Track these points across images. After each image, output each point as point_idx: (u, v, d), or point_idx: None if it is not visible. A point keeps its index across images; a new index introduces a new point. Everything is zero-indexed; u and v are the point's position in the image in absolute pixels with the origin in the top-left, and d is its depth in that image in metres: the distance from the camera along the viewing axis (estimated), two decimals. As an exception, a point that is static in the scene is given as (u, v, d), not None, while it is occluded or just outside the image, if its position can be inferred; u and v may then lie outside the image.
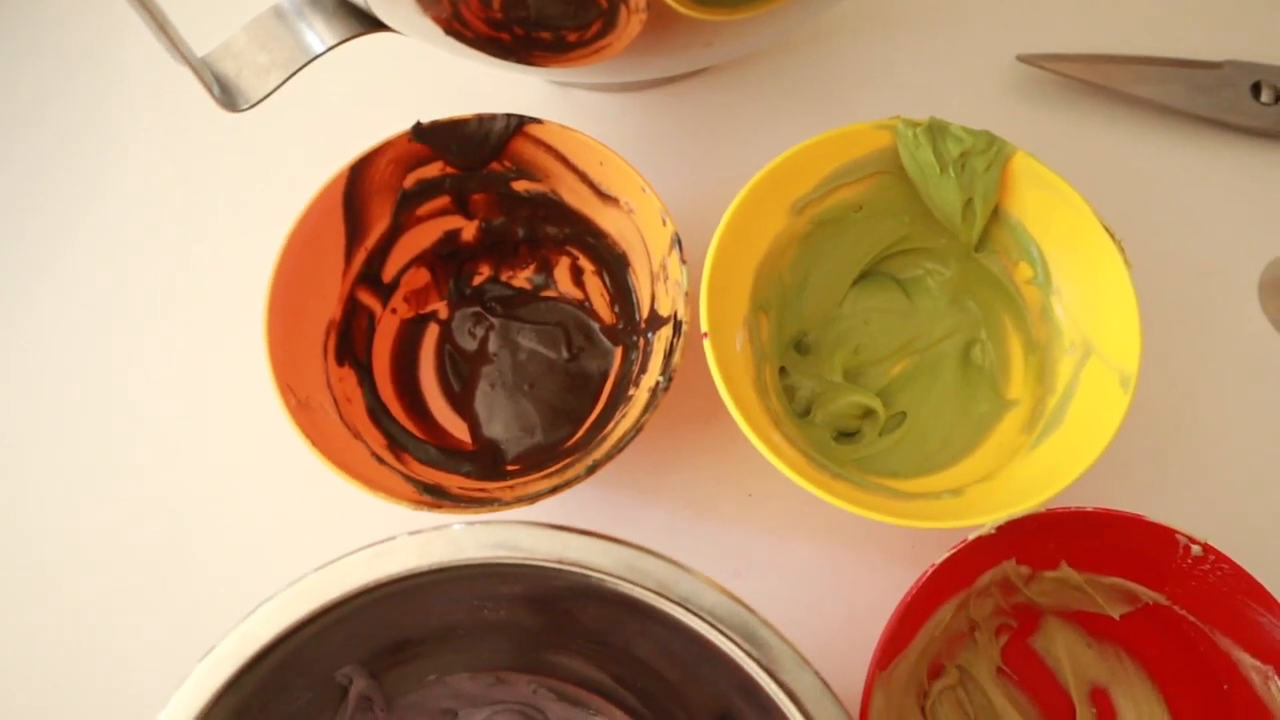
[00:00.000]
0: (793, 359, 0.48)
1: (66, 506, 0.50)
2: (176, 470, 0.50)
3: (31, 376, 0.52)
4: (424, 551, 0.36)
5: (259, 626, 0.36)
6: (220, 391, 0.51)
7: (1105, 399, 0.41)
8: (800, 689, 0.34)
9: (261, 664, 0.36)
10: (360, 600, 0.37)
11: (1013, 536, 0.40)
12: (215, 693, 0.35)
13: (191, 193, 0.56)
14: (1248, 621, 0.39)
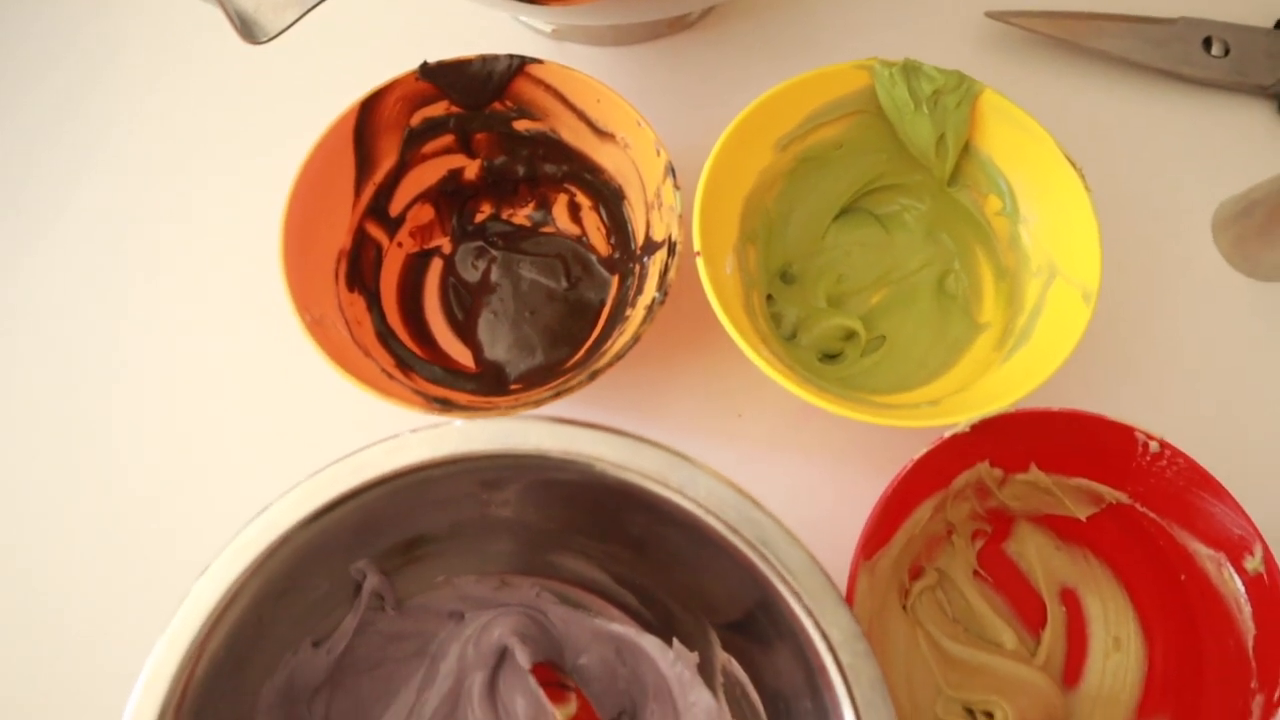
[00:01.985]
0: (779, 288, 0.51)
1: (106, 412, 0.53)
2: (202, 382, 0.53)
3: (63, 295, 0.55)
4: (436, 444, 0.39)
5: (281, 514, 0.38)
6: (239, 314, 0.54)
7: (1069, 314, 0.45)
8: (791, 564, 0.37)
9: (283, 550, 0.38)
10: (376, 492, 0.39)
11: (985, 437, 0.43)
12: (241, 574, 0.37)
13: (213, 125, 0.59)
14: (1202, 513, 0.43)
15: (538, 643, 0.45)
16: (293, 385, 0.51)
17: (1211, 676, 0.43)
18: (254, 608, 0.38)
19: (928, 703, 0.44)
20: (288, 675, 0.41)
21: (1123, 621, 0.46)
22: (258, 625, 0.39)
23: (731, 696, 0.44)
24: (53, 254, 0.56)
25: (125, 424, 0.53)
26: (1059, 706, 0.44)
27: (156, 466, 0.51)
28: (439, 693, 0.46)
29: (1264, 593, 0.41)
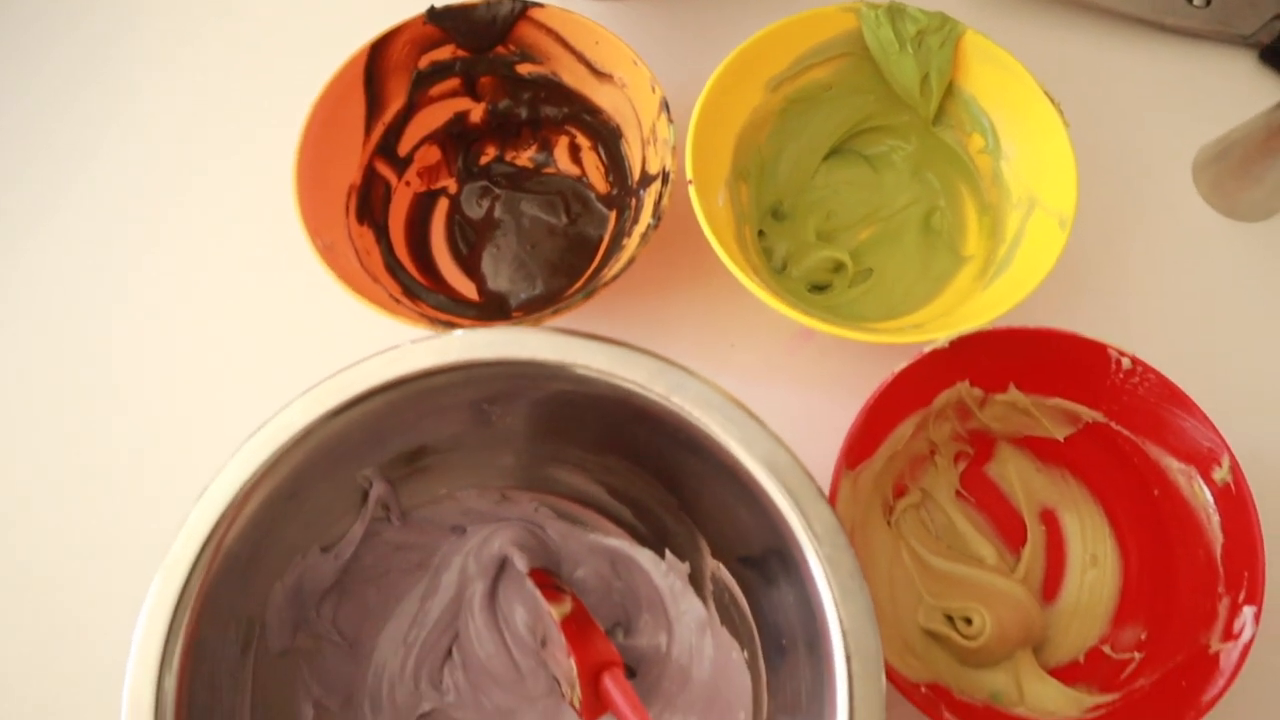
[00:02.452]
0: (770, 224, 0.53)
1: (133, 329, 0.56)
2: (218, 306, 0.56)
3: (92, 225, 0.58)
4: (438, 352, 0.41)
5: (292, 417, 0.40)
6: (256, 243, 0.57)
7: (1047, 241, 0.47)
8: (775, 462, 0.39)
9: (294, 452, 0.40)
10: (381, 399, 0.41)
11: (965, 355, 0.45)
12: (255, 473, 0.39)
13: (235, 67, 0.62)
14: (1172, 428, 0.44)
15: (536, 554, 0.48)
16: (305, 311, 0.54)
17: (1182, 585, 0.44)
18: (266, 507, 0.41)
19: (909, 610, 0.46)
20: (297, 577, 0.44)
21: (1099, 539, 0.48)
22: (270, 525, 0.41)
23: (720, 603, 0.46)
24: (87, 184, 0.59)
25: (148, 342, 0.56)
26: (1036, 616, 0.46)
27: (178, 381, 0.55)
28: (441, 602, 0.48)
29: (1231, 502, 0.43)
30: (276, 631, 0.43)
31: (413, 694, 0.47)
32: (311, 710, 0.44)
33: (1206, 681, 0.41)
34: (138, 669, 0.37)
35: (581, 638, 0.42)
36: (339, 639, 0.46)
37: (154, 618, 0.38)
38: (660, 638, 0.47)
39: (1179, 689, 0.41)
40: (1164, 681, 0.42)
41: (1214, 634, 0.42)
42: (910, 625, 0.46)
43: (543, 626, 0.47)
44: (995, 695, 0.44)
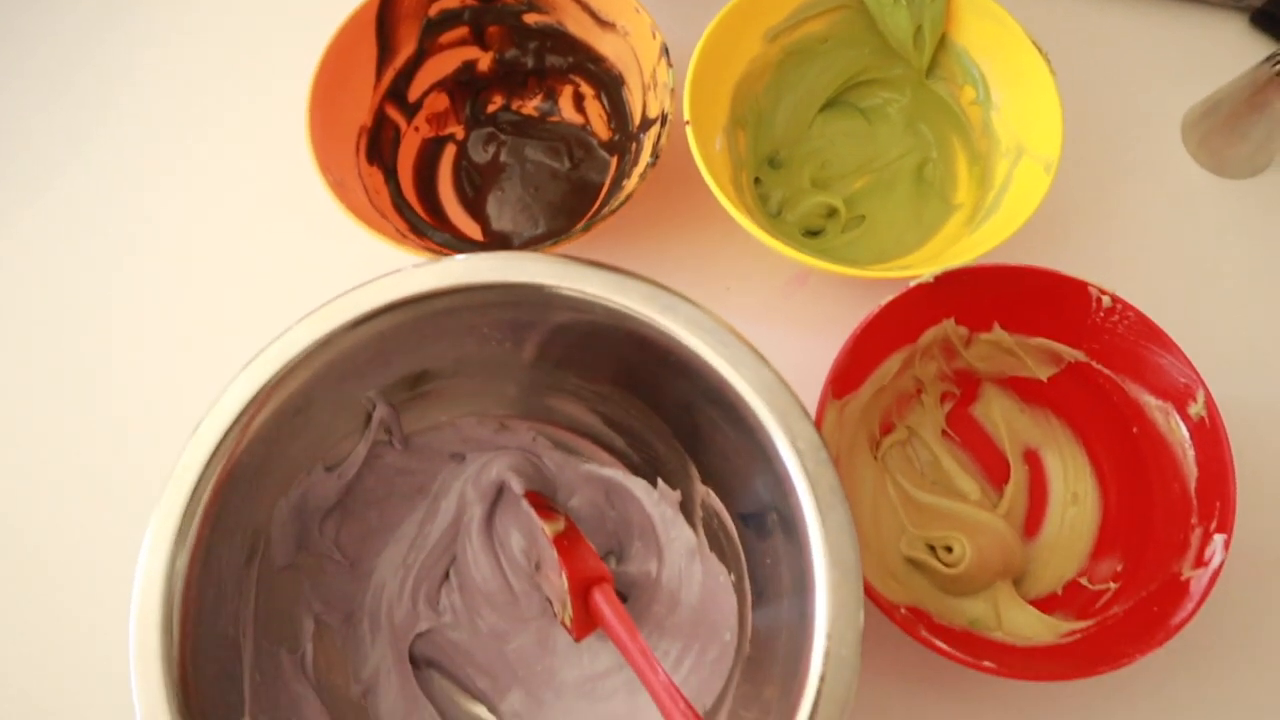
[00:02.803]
0: (766, 172, 0.55)
1: (150, 254, 0.58)
2: (230, 239, 0.58)
3: (118, 160, 0.61)
4: (442, 274, 0.43)
5: (304, 332, 0.42)
6: (269, 181, 0.59)
7: (1033, 185, 0.48)
8: (762, 382, 0.41)
9: (301, 369, 0.42)
10: (386, 319, 0.43)
11: (950, 292, 0.46)
12: (264, 385, 0.41)
13: (248, 9, 0.64)
14: (1151, 365, 0.46)
15: (533, 481, 0.49)
16: (316, 245, 0.55)
17: (1158, 518, 0.46)
18: (274, 420, 0.43)
19: (892, 539, 0.48)
20: (301, 494, 0.46)
21: (1081, 477, 0.49)
22: (277, 439, 0.43)
23: (709, 528, 0.47)
24: (114, 122, 0.62)
25: (162, 268, 0.58)
26: (1016, 548, 0.47)
27: (193, 305, 0.57)
28: (439, 526, 0.50)
29: (1206, 436, 0.44)
30: (280, 545, 0.45)
31: (410, 614, 0.49)
32: (312, 624, 0.46)
33: (1177, 606, 0.42)
34: (148, 570, 0.39)
35: (573, 554, 0.44)
36: (340, 558, 0.48)
37: (164, 520, 0.40)
38: (651, 564, 0.49)
39: (1151, 614, 0.43)
40: (1137, 608, 0.44)
41: (1186, 562, 0.43)
42: (893, 553, 0.47)
43: (537, 551, 0.48)
44: (974, 621, 0.46)
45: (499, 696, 0.47)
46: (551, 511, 0.47)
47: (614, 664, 0.48)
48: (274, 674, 0.44)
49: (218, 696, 0.40)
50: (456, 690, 0.48)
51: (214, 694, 0.40)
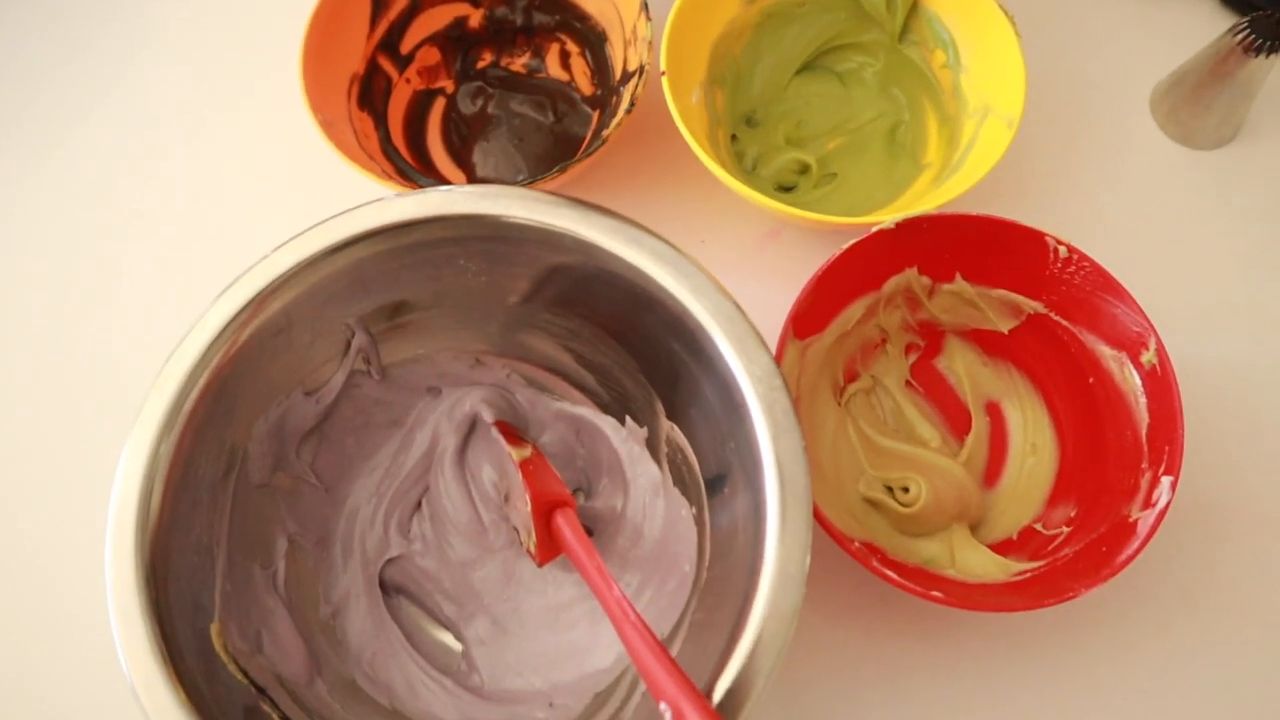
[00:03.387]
0: (743, 130, 0.56)
1: (146, 188, 0.61)
2: (223, 175, 0.61)
3: (122, 107, 0.63)
4: (421, 204, 0.45)
5: (288, 254, 0.44)
6: (261, 121, 0.61)
7: (997, 142, 0.50)
8: (721, 311, 0.43)
9: (286, 288, 0.44)
10: (369, 245, 0.45)
11: (912, 240, 0.47)
12: (247, 303, 0.43)
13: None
14: (1106, 315, 0.47)
15: (505, 416, 0.51)
16: (303, 183, 0.57)
17: (1111, 465, 0.47)
18: (255, 339, 0.44)
19: (851, 480, 0.49)
20: (280, 415, 0.47)
21: (1040, 429, 0.51)
22: (258, 357, 0.45)
23: (673, 463, 0.49)
24: (108, 55, 0.65)
25: (156, 196, 0.61)
26: (973, 493, 0.48)
27: (182, 232, 0.60)
28: (413, 457, 0.51)
29: (1157, 383, 0.45)
30: (257, 463, 0.47)
31: (382, 540, 0.50)
32: (286, 543, 0.48)
33: (1124, 545, 0.43)
34: (127, 471, 0.41)
35: (537, 478, 0.46)
36: (316, 482, 0.50)
37: (145, 426, 0.42)
38: (617, 500, 0.50)
39: (1099, 554, 0.44)
40: (1086, 549, 0.45)
41: (1135, 505, 0.45)
42: (851, 493, 0.49)
43: (507, 483, 0.50)
44: (928, 561, 0.47)
45: (464, 624, 0.49)
46: (520, 440, 0.48)
47: (577, 595, 0.49)
48: (246, 586, 0.45)
49: (188, 598, 0.42)
50: (424, 617, 0.50)
51: (184, 595, 0.42)
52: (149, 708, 0.38)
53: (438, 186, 0.44)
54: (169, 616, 0.40)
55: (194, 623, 0.42)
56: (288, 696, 0.44)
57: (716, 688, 0.37)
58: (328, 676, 0.46)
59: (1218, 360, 0.53)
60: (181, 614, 0.41)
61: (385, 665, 0.48)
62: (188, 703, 0.38)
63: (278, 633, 0.46)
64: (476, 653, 0.48)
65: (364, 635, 0.48)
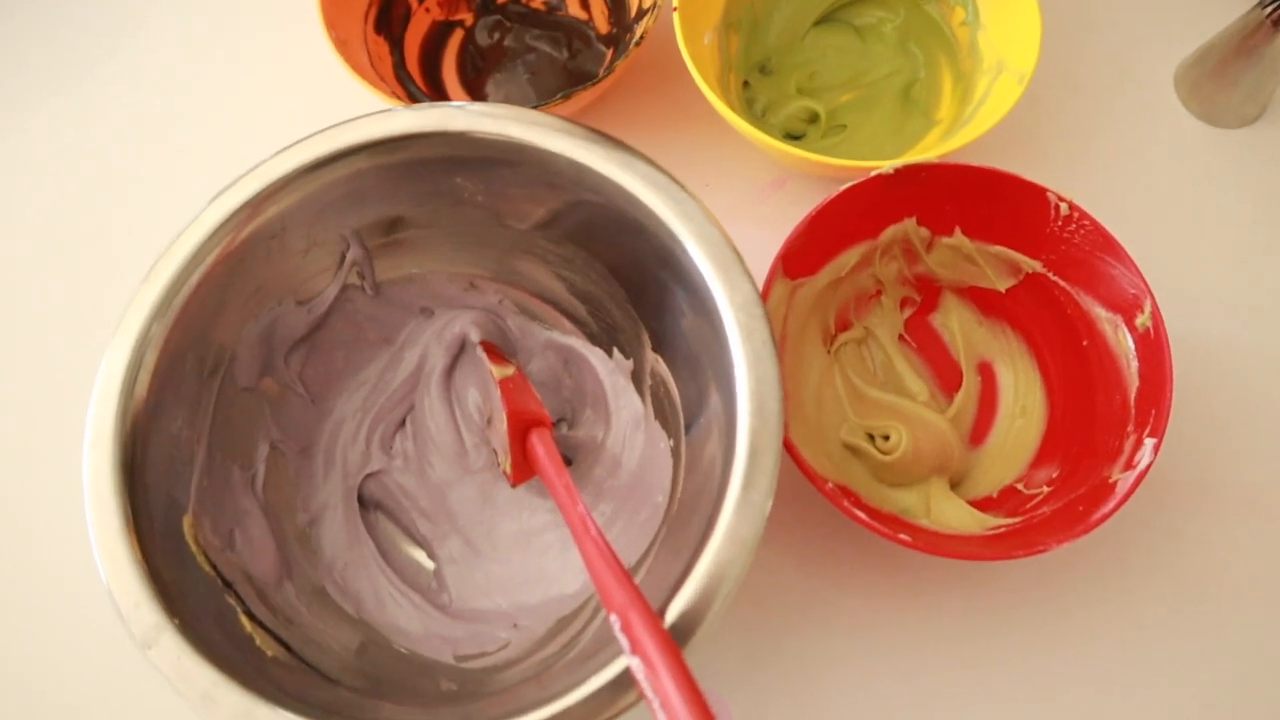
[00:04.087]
0: (756, 78, 0.56)
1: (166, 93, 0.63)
2: (228, 78, 0.62)
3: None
4: (421, 118, 0.46)
5: (287, 160, 0.45)
6: (276, 33, 0.63)
7: (1006, 96, 0.49)
8: (707, 237, 0.42)
9: (284, 193, 0.45)
10: (369, 157, 0.45)
11: (912, 189, 0.47)
12: (242, 204, 0.44)
13: None
14: (1104, 276, 0.47)
15: (494, 340, 0.51)
16: (312, 100, 0.56)
17: (1098, 429, 0.46)
18: (250, 240, 0.45)
19: (833, 425, 0.49)
20: (271, 321, 0.48)
21: (1031, 391, 0.50)
22: (252, 259, 0.45)
23: (656, 396, 0.49)
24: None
25: (163, 99, 0.62)
26: (955, 447, 0.48)
27: (191, 141, 0.61)
28: (401, 375, 0.52)
29: (1150, 346, 0.45)
30: (245, 366, 0.48)
31: (364, 455, 0.51)
32: (268, 449, 0.49)
33: (1100, 505, 0.43)
34: (113, 357, 0.42)
35: (516, 396, 0.46)
36: (303, 391, 0.50)
37: (135, 314, 0.43)
38: (599, 430, 0.50)
39: (1075, 513, 0.43)
40: (1064, 508, 0.44)
41: (1116, 467, 0.44)
42: (832, 439, 0.48)
43: (490, 407, 0.50)
44: (904, 511, 0.47)
45: (438, 543, 0.49)
46: (504, 360, 0.49)
47: (550, 522, 0.49)
48: (223, 484, 0.46)
49: (163, 487, 0.42)
50: (399, 534, 0.50)
51: (159, 483, 0.42)
52: (109, 575, 0.39)
53: (439, 102, 0.45)
54: (142, 500, 0.41)
55: (166, 512, 0.42)
56: (254, 594, 0.44)
57: (670, 608, 0.37)
58: (297, 581, 0.46)
59: (1214, 337, 0.52)
60: (155, 500, 0.42)
61: (356, 576, 0.48)
62: (148, 575, 0.39)
63: (251, 533, 0.46)
64: (447, 571, 0.49)
65: (338, 545, 0.49)
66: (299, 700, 0.38)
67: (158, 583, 0.39)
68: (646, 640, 0.35)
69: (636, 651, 0.35)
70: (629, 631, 0.35)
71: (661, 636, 0.35)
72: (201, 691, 0.37)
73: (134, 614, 0.38)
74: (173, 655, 0.38)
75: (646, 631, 0.35)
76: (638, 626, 0.35)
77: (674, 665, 0.34)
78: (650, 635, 0.35)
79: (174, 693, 0.37)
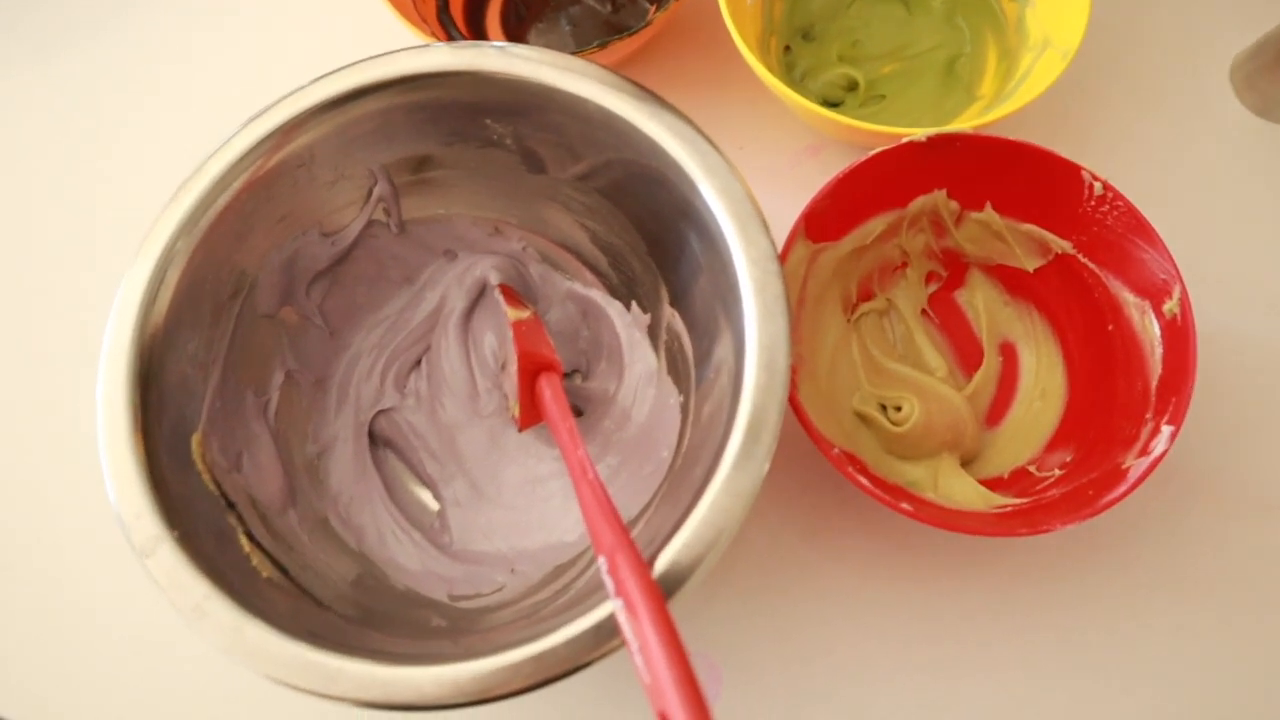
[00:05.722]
0: (799, 44, 0.55)
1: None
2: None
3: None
4: (456, 56, 0.45)
5: (314, 91, 0.45)
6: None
7: (1049, 72, 0.48)
8: (729, 191, 0.42)
9: (313, 123, 0.45)
10: (401, 93, 0.46)
11: (944, 160, 0.46)
12: (271, 131, 0.44)
13: None
14: (1134, 260, 0.45)
15: (515, 286, 0.51)
16: (351, 35, 0.58)
17: (1117, 414, 0.45)
18: (279, 168, 0.45)
19: (846, 393, 0.48)
20: (294, 250, 0.48)
21: (1052, 375, 0.49)
22: (278, 185, 0.45)
23: (670, 351, 0.48)
24: None
25: (202, 28, 0.63)
26: (969, 425, 0.47)
27: (225, 71, 0.62)
28: (420, 315, 0.52)
29: (1176, 334, 0.43)
30: (265, 293, 0.48)
31: (377, 391, 0.51)
32: (282, 377, 0.49)
33: (1111, 489, 0.41)
34: (135, 272, 0.43)
35: (529, 339, 0.46)
36: (321, 324, 0.50)
37: (160, 232, 0.43)
38: (611, 383, 0.50)
39: (1085, 497, 0.42)
40: (1074, 491, 0.43)
41: (1131, 453, 0.43)
42: (844, 407, 0.48)
43: (505, 352, 0.50)
44: (911, 484, 0.46)
45: (444, 484, 0.49)
46: (521, 304, 0.49)
47: (555, 470, 0.49)
48: (235, 407, 0.46)
49: (175, 404, 0.43)
50: (406, 472, 0.50)
51: (172, 399, 0.43)
52: (114, 484, 0.39)
53: (473, 41, 0.45)
54: (155, 414, 0.41)
55: (175, 429, 0.43)
56: (257, 518, 0.44)
57: (660, 556, 0.37)
58: (301, 509, 0.47)
59: (1240, 332, 0.50)
60: (166, 416, 0.42)
61: (360, 510, 0.48)
62: (152, 487, 0.39)
63: (259, 458, 0.47)
64: (451, 513, 0.49)
65: (345, 479, 0.49)
66: (289, 621, 0.38)
67: (161, 495, 0.40)
68: (631, 583, 0.34)
69: (621, 594, 0.35)
70: (615, 574, 0.35)
71: (645, 580, 0.34)
72: (194, 603, 0.38)
73: (135, 523, 0.39)
74: (169, 566, 0.38)
75: (632, 574, 0.35)
76: (624, 569, 0.35)
77: (655, 609, 0.33)
78: (635, 578, 0.34)
79: (167, 603, 0.38)
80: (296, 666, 0.36)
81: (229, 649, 0.37)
